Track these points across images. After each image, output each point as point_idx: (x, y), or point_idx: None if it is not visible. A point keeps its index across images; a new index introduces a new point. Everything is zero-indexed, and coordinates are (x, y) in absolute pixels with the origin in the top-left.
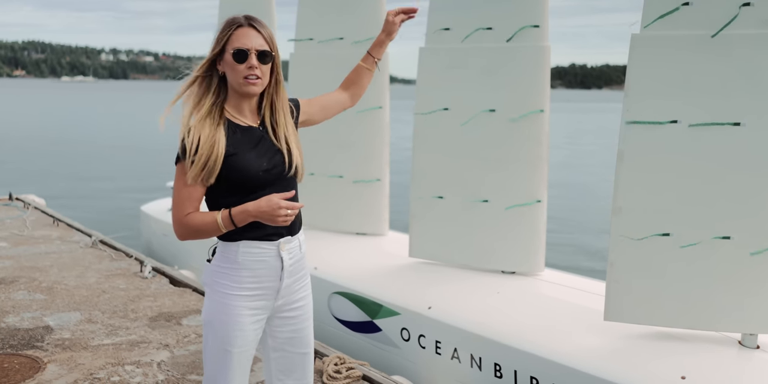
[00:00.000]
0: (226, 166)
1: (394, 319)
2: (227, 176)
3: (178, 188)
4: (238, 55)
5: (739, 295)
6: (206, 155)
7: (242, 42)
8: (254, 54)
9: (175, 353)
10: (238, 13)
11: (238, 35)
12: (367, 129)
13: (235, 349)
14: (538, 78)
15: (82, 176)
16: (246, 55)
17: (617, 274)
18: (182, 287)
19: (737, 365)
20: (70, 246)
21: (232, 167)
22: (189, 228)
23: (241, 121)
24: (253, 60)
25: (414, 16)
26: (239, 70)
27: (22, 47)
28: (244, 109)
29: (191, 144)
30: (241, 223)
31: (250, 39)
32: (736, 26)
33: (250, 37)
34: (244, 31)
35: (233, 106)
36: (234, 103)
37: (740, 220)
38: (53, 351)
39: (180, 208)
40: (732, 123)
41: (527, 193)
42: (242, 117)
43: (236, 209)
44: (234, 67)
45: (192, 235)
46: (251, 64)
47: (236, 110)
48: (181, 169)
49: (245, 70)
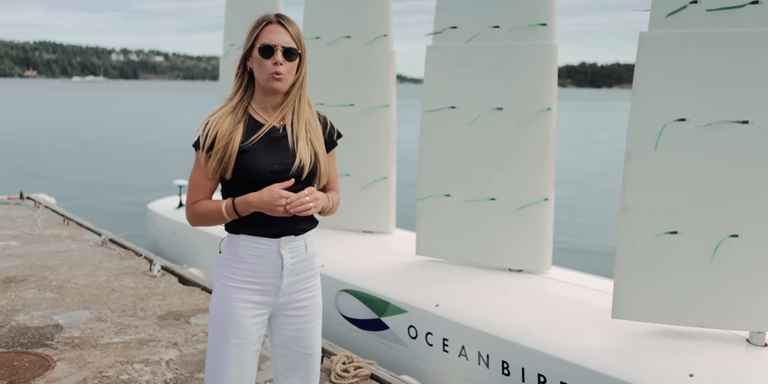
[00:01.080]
0: (238, 161)
1: (401, 316)
2: (238, 172)
3: (192, 175)
4: (265, 50)
5: (747, 293)
6: (222, 151)
7: (269, 38)
8: (280, 50)
9: (184, 352)
10: (246, 12)
11: (266, 32)
12: (373, 127)
13: (232, 339)
14: (546, 76)
15: (93, 175)
16: (272, 51)
17: (625, 272)
18: (191, 286)
19: (745, 363)
20: (80, 245)
21: (243, 164)
22: (196, 214)
23: (264, 119)
24: (279, 56)
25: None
26: (265, 65)
27: (34, 48)
28: (268, 108)
29: (207, 138)
30: (243, 212)
31: (278, 35)
32: (744, 24)
33: (277, 33)
34: (272, 28)
35: (258, 104)
36: (259, 100)
37: (748, 218)
38: (63, 349)
39: (191, 194)
40: (740, 121)
41: (534, 191)
42: (265, 115)
43: (239, 199)
44: (260, 63)
45: (199, 220)
46: (276, 60)
47: (261, 108)
48: (196, 158)
49: (271, 66)
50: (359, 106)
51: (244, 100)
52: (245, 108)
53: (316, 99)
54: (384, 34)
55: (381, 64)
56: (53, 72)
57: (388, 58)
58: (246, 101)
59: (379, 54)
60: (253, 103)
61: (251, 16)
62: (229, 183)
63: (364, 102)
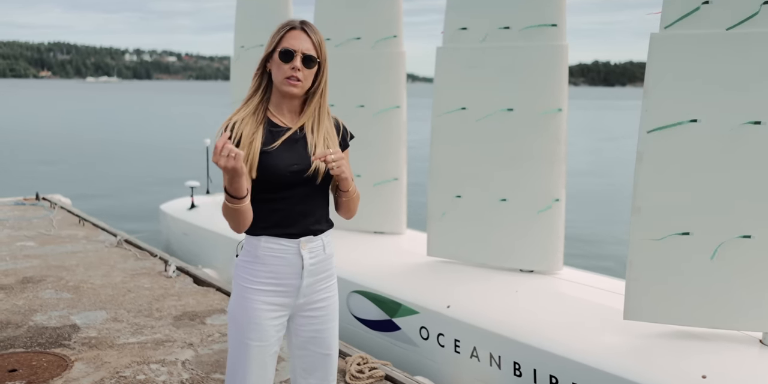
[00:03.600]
0: (260, 162)
1: (413, 317)
2: (259, 172)
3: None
4: (285, 54)
5: (760, 294)
6: (246, 151)
7: (291, 43)
8: (299, 56)
9: (200, 352)
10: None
11: (288, 37)
12: (384, 128)
13: (253, 342)
14: (556, 77)
15: (107, 175)
16: (292, 56)
17: (637, 273)
18: (206, 286)
19: (759, 364)
20: (95, 245)
21: (263, 164)
22: (223, 213)
23: (280, 121)
24: (297, 62)
25: (329, 163)
26: (283, 69)
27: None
28: (284, 110)
29: (234, 139)
30: (229, 186)
31: (300, 41)
32: (756, 24)
33: (300, 39)
34: (295, 34)
35: (275, 105)
36: (276, 102)
37: (760, 219)
38: (80, 349)
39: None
40: (753, 122)
41: (546, 192)
42: (281, 117)
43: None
44: (279, 66)
45: (227, 218)
46: (294, 66)
47: (277, 109)
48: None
49: (288, 71)
50: (370, 107)
51: (263, 102)
52: (264, 110)
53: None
54: (394, 34)
55: (391, 65)
56: (67, 73)
57: (398, 58)
58: (265, 103)
59: (389, 55)
60: (270, 105)
61: (262, 18)
62: (254, 185)
63: (375, 103)
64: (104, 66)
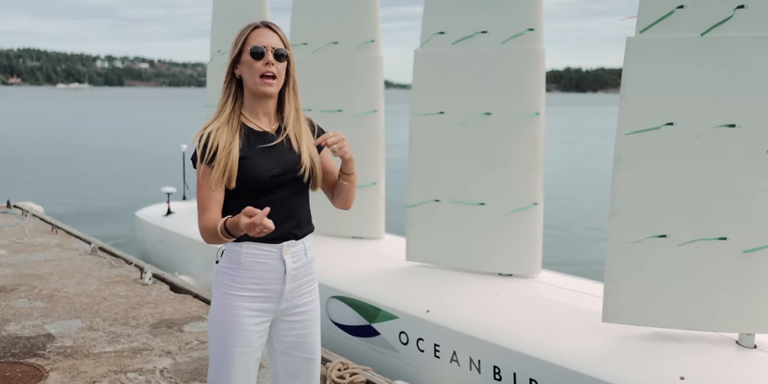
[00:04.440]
0: (238, 169)
1: (392, 322)
2: (240, 179)
3: (198, 192)
4: (255, 52)
5: (735, 295)
6: (224, 162)
7: (258, 40)
8: (271, 51)
9: (178, 360)
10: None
11: (254, 35)
12: (362, 133)
13: (236, 348)
14: (534, 81)
15: (80, 183)
16: (263, 53)
17: (615, 275)
18: (183, 294)
19: (735, 365)
20: (69, 253)
21: (242, 171)
22: (204, 231)
23: (256, 126)
24: (270, 57)
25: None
26: (256, 68)
27: (18, 55)
28: (259, 113)
29: (210, 150)
30: (236, 233)
31: (266, 37)
32: (730, 28)
33: (266, 36)
34: (260, 31)
35: (249, 110)
36: (249, 106)
37: (736, 221)
38: (55, 359)
39: (200, 210)
40: (727, 125)
41: (524, 196)
42: (257, 121)
43: (229, 223)
44: (251, 66)
45: (208, 238)
46: (268, 61)
47: (252, 114)
48: (199, 171)
49: (262, 68)
50: (347, 111)
51: (236, 110)
52: (238, 116)
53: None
54: (371, 39)
55: (369, 70)
56: (38, 79)
57: (376, 63)
58: (238, 110)
59: (367, 59)
60: (243, 111)
61: (238, 22)
62: (233, 192)
63: (353, 108)
64: (75, 72)
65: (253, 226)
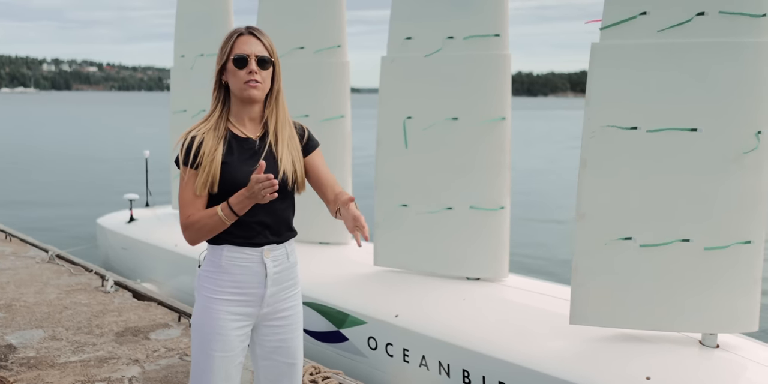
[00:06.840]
0: (220, 175)
1: (360, 328)
2: (221, 184)
3: (182, 193)
4: (238, 61)
5: (698, 296)
6: (208, 168)
7: (242, 48)
8: (254, 59)
9: (147, 368)
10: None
11: (239, 43)
12: (329, 138)
13: (217, 352)
14: (499, 86)
15: (33, 190)
16: (246, 61)
17: (582, 278)
18: (147, 301)
19: (699, 364)
20: (25, 261)
21: (223, 176)
22: (194, 226)
23: (241, 132)
24: (253, 65)
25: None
26: (240, 75)
27: None
28: (244, 119)
29: (195, 155)
30: (242, 210)
31: (250, 45)
32: (690, 34)
33: (250, 43)
34: (244, 39)
35: (235, 116)
36: (236, 112)
37: (698, 223)
38: (18, 370)
39: (184, 211)
40: (689, 129)
41: (490, 199)
42: (242, 127)
43: (232, 198)
44: (235, 74)
45: (197, 232)
46: (251, 69)
47: (238, 120)
48: (184, 173)
49: (245, 76)
50: (314, 116)
51: (223, 115)
52: (225, 122)
53: None
54: (338, 44)
55: (335, 75)
56: None
57: (343, 68)
58: (225, 116)
59: (333, 64)
60: (230, 117)
61: (202, 27)
62: (216, 196)
63: (319, 113)
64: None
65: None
